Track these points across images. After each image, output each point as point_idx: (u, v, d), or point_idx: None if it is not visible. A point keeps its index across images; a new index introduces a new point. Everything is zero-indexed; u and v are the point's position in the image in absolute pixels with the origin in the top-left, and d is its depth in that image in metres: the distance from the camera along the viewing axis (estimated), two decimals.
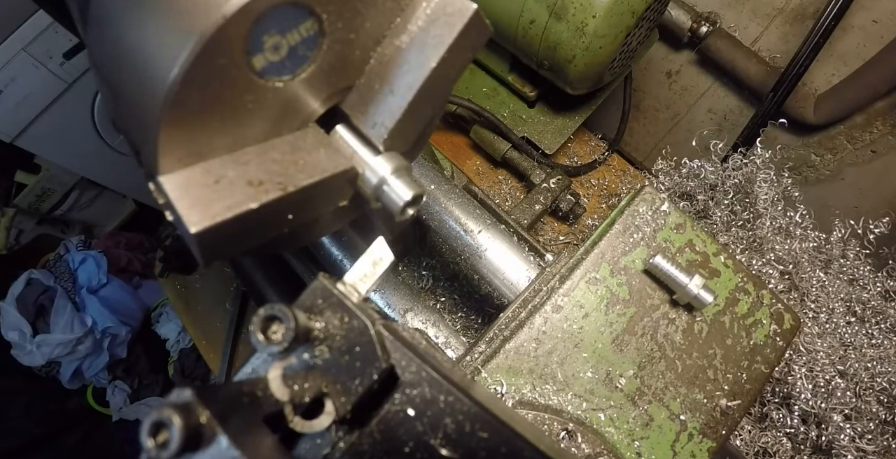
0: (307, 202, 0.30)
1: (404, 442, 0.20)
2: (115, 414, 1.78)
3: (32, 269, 1.70)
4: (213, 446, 0.15)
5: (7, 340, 1.59)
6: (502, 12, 0.82)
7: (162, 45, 0.22)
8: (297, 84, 0.28)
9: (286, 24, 0.25)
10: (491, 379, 0.47)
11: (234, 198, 0.25)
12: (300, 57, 0.27)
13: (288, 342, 0.19)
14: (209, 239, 0.25)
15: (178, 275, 1.19)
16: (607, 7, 0.72)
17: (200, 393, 0.15)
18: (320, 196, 0.30)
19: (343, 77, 0.30)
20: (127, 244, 1.88)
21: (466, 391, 0.21)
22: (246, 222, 0.26)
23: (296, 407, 0.20)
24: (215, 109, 0.25)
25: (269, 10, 0.23)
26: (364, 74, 0.31)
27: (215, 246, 0.26)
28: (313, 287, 0.22)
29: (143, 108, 0.24)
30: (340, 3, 0.26)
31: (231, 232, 0.26)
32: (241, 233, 0.27)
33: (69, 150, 1.52)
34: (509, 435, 0.19)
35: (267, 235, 0.29)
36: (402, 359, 0.21)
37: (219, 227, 0.24)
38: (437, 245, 0.72)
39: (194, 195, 0.25)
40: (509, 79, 1.01)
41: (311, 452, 0.20)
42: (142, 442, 0.14)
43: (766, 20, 1.01)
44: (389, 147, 0.30)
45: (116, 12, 0.25)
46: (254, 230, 0.28)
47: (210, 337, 1.11)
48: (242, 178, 0.27)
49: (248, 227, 0.26)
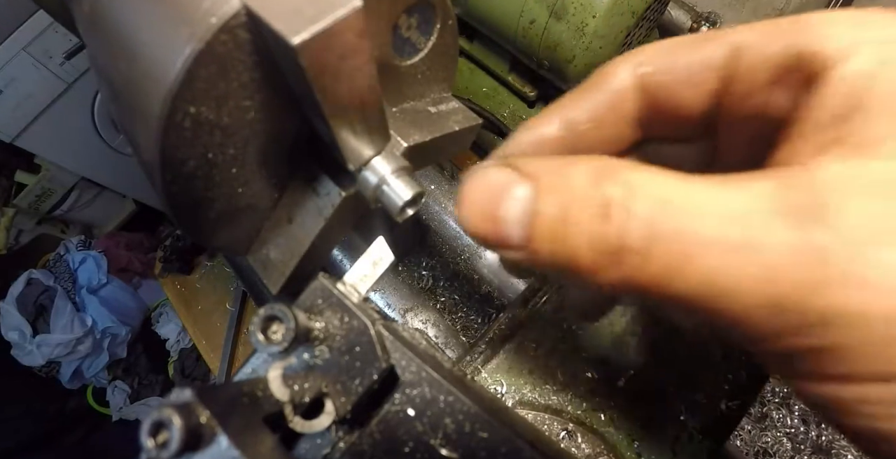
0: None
1: (404, 442, 0.20)
2: (115, 414, 1.78)
3: (32, 269, 1.70)
4: (213, 446, 0.15)
5: (7, 340, 1.59)
6: (502, 12, 0.83)
7: (161, 49, 0.22)
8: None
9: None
10: (491, 379, 0.47)
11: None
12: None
13: (288, 342, 0.19)
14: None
15: (178, 275, 1.19)
16: (607, 7, 0.72)
17: (200, 393, 0.15)
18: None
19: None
20: (127, 244, 1.88)
21: (466, 391, 0.21)
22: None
23: (296, 407, 0.20)
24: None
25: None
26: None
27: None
28: (313, 287, 0.22)
29: (142, 110, 0.24)
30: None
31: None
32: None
33: (69, 150, 1.52)
34: (509, 435, 0.19)
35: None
36: (402, 359, 0.21)
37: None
38: (437, 245, 0.72)
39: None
40: (509, 79, 1.01)
41: (311, 452, 0.20)
42: (142, 442, 0.14)
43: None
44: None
45: (116, 13, 0.25)
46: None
47: (210, 337, 1.11)
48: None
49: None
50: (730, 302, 0.16)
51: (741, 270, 0.15)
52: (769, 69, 0.18)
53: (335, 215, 0.30)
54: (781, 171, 0.16)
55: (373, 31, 0.27)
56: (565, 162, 0.19)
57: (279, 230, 0.32)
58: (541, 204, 0.18)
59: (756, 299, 0.15)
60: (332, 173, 0.30)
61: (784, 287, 0.15)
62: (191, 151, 0.24)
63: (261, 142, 0.27)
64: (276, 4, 0.20)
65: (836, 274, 0.14)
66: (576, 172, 0.18)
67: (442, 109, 0.35)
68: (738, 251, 0.15)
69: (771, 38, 0.18)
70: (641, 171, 0.17)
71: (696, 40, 0.20)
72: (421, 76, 0.33)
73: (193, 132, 0.24)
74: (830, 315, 0.15)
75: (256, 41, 0.22)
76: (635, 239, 0.16)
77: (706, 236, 0.16)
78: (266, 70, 0.24)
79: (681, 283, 0.16)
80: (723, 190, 0.16)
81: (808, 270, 0.15)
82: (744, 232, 0.15)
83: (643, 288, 0.17)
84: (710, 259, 0.16)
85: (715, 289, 0.16)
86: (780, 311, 0.15)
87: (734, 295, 0.16)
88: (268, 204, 0.31)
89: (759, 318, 0.16)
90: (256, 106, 0.25)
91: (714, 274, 0.16)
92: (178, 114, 0.23)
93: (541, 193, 0.18)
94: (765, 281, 0.15)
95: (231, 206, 0.29)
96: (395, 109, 0.33)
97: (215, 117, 0.24)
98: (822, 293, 0.15)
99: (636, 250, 0.16)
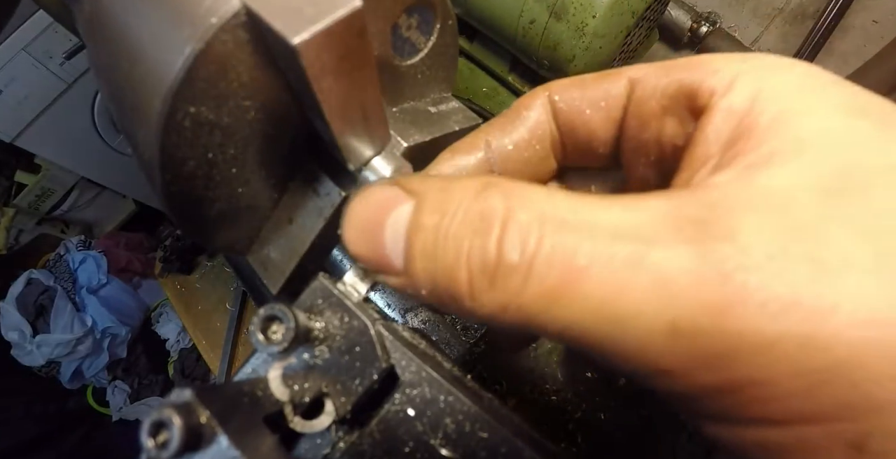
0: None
1: (404, 442, 0.20)
2: (115, 414, 1.78)
3: (32, 269, 1.70)
4: (213, 446, 0.15)
5: (7, 340, 1.60)
6: (502, 12, 0.83)
7: (162, 49, 0.22)
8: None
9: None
10: (491, 379, 0.47)
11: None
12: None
13: (288, 342, 0.19)
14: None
15: (178, 275, 1.19)
16: (607, 7, 0.72)
17: (200, 393, 0.15)
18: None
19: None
20: (127, 244, 1.89)
21: (466, 391, 0.21)
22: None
23: (296, 407, 0.20)
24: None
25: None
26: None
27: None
28: (313, 287, 0.22)
29: (142, 109, 0.24)
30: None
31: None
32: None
33: (69, 150, 1.52)
34: (509, 435, 0.19)
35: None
36: (402, 359, 0.21)
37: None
38: None
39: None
40: (509, 79, 1.01)
41: (311, 452, 0.20)
42: (142, 442, 0.14)
43: (766, 20, 1.01)
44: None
45: (117, 13, 0.25)
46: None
47: (210, 337, 1.11)
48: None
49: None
50: (623, 331, 0.14)
51: (634, 291, 0.14)
52: (659, 100, 0.20)
53: (335, 215, 0.30)
54: (675, 191, 0.16)
55: (373, 31, 0.27)
56: (453, 178, 0.18)
57: (279, 230, 0.32)
58: (421, 217, 0.17)
59: (652, 324, 0.14)
60: (332, 173, 0.30)
61: (684, 309, 0.14)
62: (191, 151, 0.24)
63: (261, 142, 0.27)
64: (276, 4, 0.20)
65: (738, 292, 0.13)
66: (460, 187, 0.17)
67: (442, 109, 0.35)
68: (629, 268, 0.14)
69: (662, 73, 0.20)
70: (530, 186, 0.16)
71: (601, 75, 0.22)
72: (421, 76, 0.33)
73: (193, 132, 0.24)
74: (738, 341, 0.13)
75: (256, 41, 0.22)
76: (514, 254, 0.15)
77: (593, 253, 0.14)
78: (266, 70, 0.24)
79: (564, 310, 0.15)
80: (614, 206, 0.15)
81: (709, 288, 0.13)
82: (636, 247, 0.14)
83: (524, 319, 0.15)
84: (598, 278, 0.14)
85: (604, 315, 0.14)
86: (681, 338, 0.14)
87: (627, 321, 0.14)
88: (268, 204, 0.31)
89: (658, 348, 0.14)
90: (256, 106, 0.25)
91: (602, 296, 0.14)
92: (178, 114, 0.23)
93: (422, 208, 0.17)
94: (661, 302, 0.14)
95: (231, 206, 0.29)
96: (395, 109, 0.33)
97: (215, 117, 0.24)
98: (727, 314, 0.13)
99: (515, 267, 0.15)
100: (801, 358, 0.13)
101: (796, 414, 0.13)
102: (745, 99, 0.16)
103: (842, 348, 0.12)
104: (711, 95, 0.17)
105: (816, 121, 0.15)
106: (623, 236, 0.15)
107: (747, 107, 0.16)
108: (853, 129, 0.15)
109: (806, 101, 0.16)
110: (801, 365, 0.13)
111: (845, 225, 0.13)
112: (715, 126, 0.17)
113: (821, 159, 0.14)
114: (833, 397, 0.13)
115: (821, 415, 0.13)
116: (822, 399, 0.13)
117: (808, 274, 0.13)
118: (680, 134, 0.19)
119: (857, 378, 0.12)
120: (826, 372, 0.13)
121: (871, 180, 0.14)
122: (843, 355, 0.12)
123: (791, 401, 0.13)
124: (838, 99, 0.16)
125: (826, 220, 0.14)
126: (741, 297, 0.13)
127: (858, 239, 0.13)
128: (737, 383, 0.14)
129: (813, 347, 0.13)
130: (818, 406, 0.13)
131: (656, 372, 0.15)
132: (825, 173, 0.14)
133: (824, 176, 0.14)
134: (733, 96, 0.17)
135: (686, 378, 0.14)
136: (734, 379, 0.14)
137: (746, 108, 0.16)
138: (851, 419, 0.13)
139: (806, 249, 0.13)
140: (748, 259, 0.13)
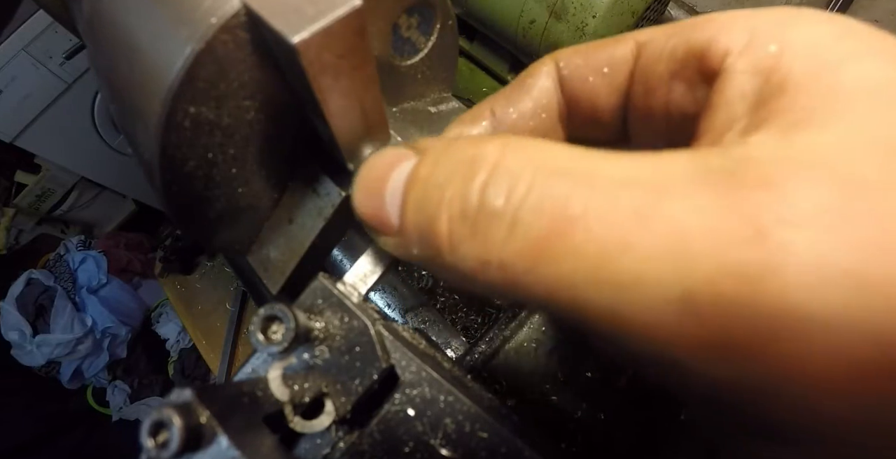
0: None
1: (404, 442, 0.20)
2: (115, 414, 1.78)
3: (32, 269, 1.70)
4: (213, 446, 0.15)
5: (7, 340, 1.60)
6: (502, 12, 0.83)
7: (161, 49, 0.22)
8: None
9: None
10: (491, 379, 0.47)
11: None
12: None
13: (288, 342, 0.19)
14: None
15: (178, 275, 1.19)
16: (607, 7, 0.72)
17: (200, 393, 0.15)
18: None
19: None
20: (127, 244, 1.89)
21: (466, 391, 0.21)
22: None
23: (296, 407, 0.20)
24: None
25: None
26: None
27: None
28: (313, 287, 0.22)
29: (143, 110, 0.24)
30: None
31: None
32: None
33: (69, 150, 1.52)
34: (509, 435, 0.19)
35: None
36: (402, 359, 0.21)
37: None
38: None
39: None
40: (509, 79, 1.01)
41: (311, 452, 0.20)
42: (142, 442, 0.14)
43: None
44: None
45: (117, 13, 0.25)
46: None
47: (210, 337, 1.11)
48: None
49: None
50: (623, 301, 0.11)
51: (639, 248, 0.11)
52: (667, 63, 0.18)
53: (335, 215, 0.30)
54: (701, 149, 0.13)
55: (373, 31, 0.27)
56: (458, 137, 0.18)
57: (279, 230, 0.32)
58: (418, 169, 0.16)
59: (661, 293, 0.11)
60: (332, 173, 0.30)
61: (702, 274, 0.10)
62: (191, 151, 0.24)
63: (261, 142, 0.27)
64: (276, 4, 0.20)
65: (778, 253, 0.10)
66: (465, 140, 0.16)
67: (442, 109, 0.35)
68: (635, 220, 0.11)
69: (670, 35, 0.18)
70: (530, 138, 0.15)
71: (607, 40, 0.20)
72: (421, 76, 0.33)
73: (193, 132, 0.24)
74: (773, 321, 0.10)
75: (256, 41, 0.22)
76: (499, 200, 0.13)
77: (590, 200, 0.12)
78: (266, 70, 0.24)
79: (551, 268, 0.12)
80: (622, 158, 0.13)
81: (737, 248, 0.10)
82: (645, 195, 0.11)
83: (508, 280, 0.13)
84: (594, 231, 0.11)
85: (600, 277, 0.11)
86: (697, 314, 0.10)
87: (630, 287, 0.11)
88: (268, 204, 0.31)
89: (668, 326, 0.11)
90: (256, 106, 0.25)
91: (599, 253, 0.11)
92: (178, 114, 0.23)
93: (422, 161, 0.16)
94: (675, 264, 0.11)
95: (231, 206, 0.29)
96: (395, 109, 0.33)
97: (215, 117, 0.24)
98: (762, 283, 0.10)
99: (498, 214, 0.13)
100: (867, 352, 0.09)
101: (853, 431, 0.10)
102: (768, 55, 0.14)
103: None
104: (726, 55, 0.15)
105: (861, 70, 0.13)
106: (629, 184, 0.12)
107: (772, 64, 0.14)
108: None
109: (842, 51, 0.13)
110: (865, 363, 0.09)
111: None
112: (738, 87, 0.15)
113: (876, 113, 0.12)
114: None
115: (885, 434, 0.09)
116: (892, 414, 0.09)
117: (875, 235, 0.10)
118: (690, 100, 0.17)
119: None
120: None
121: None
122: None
123: (847, 412, 0.10)
124: (879, 45, 0.13)
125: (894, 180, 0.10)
126: (781, 260, 0.10)
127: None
128: (769, 382, 0.10)
129: (886, 341, 0.09)
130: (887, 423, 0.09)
131: (665, 360, 0.11)
132: (884, 128, 0.12)
133: (883, 131, 0.12)
134: (754, 53, 0.14)
135: (702, 368, 0.11)
136: (765, 376, 0.10)
137: (772, 65, 0.14)
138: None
139: (872, 206, 0.10)
140: (792, 211, 0.10)
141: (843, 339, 0.09)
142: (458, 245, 0.14)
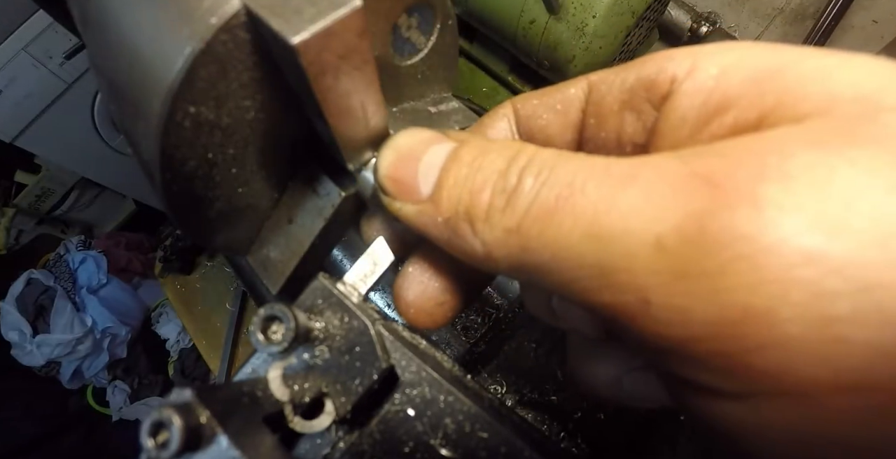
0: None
1: (404, 442, 0.20)
2: (115, 414, 1.78)
3: (32, 269, 1.70)
4: (213, 446, 0.15)
5: (7, 340, 1.60)
6: (502, 12, 0.83)
7: (161, 49, 0.22)
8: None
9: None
10: (491, 379, 0.47)
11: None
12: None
13: (288, 342, 0.19)
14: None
15: (178, 275, 1.19)
16: (607, 7, 0.72)
17: (200, 393, 0.15)
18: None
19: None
20: (127, 244, 1.89)
21: (466, 391, 0.21)
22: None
23: (296, 407, 0.20)
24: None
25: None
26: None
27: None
28: (313, 287, 0.22)
29: (142, 109, 0.24)
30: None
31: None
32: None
33: (69, 150, 1.52)
34: (509, 435, 0.19)
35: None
36: (402, 359, 0.21)
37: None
38: None
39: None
40: (509, 79, 1.01)
41: (311, 452, 0.20)
42: (142, 442, 0.14)
43: (766, 20, 1.01)
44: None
45: (116, 13, 0.25)
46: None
47: (210, 337, 1.11)
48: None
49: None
50: (611, 252, 0.14)
51: (622, 204, 0.14)
52: (617, 94, 0.20)
53: (335, 215, 0.30)
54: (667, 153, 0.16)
55: (373, 31, 0.27)
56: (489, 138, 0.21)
57: (279, 230, 0.32)
58: (461, 152, 0.19)
59: (639, 240, 0.13)
60: (332, 173, 0.30)
61: (669, 220, 0.13)
62: (191, 151, 0.24)
63: (261, 142, 0.27)
64: (276, 4, 0.20)
65: (727, 194, 0.12)
66: (504, 140, 0.20)
67: (442, 109, 0.35)
68: (621, 183, 0.14)
69: (619, 71, 0.20)
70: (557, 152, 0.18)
71: (562, 83, 0.23)
72: (421, 76, 0.33)
73: (193, 132, 0.24)
74: (729, 255, 0.11)
75: (256, 41, 0.22)
76: (530, 178, 0.16)
77: (591, 172, 0.15)
78: (266, 70, 0.24)
79: (556, 229, 0.15)
80: (610, 157, 0.16)
81: (695, 194, 0.13)
82: (632, 164, 0.15)
83: (521, 245, 0.16)
84: (590, 194, 0.15)
85: (593, 232, 0.14)
86: (666, 254, 0.13)
87: (615, 238, 0.14)
88: (268, 204, 0.31)
89: (646, 263, 0.13)
90: (256, 106, 0.25)
91: (593, 211, 0.14)
92: (178, 114, 0.23)
93: (464, 147, 0.19)
94: (649, 213, 0.13)
95: (231, 206, 0.29)
96: (396, 109, 0.33)
97: (215, 117, 0.24)
98: (713, 218, 0.12)
99: (528, 190, 0.16)
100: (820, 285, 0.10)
101: (816, 380, 0.10)
102: (710, 76, 0.17)
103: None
104: (672, 81, 0.18)
105: (807, 70, 0.15)
106: (617, 163, 0.15)
107: (713, 85, 0.17)
108: (840, 78, 0.14)
109: (781, 60, 0.16)
110: (818, 305, 0.10)
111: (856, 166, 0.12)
112: (686, 105, 0.17)
113: (828, 111, 0.14)
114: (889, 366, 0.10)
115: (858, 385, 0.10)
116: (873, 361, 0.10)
117: (822, 176, 0.12)
118: (640, 129, 0.20)
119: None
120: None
121: (881, 117, 0.13)
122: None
123: (806, 359, 0.10)
124: (807, 52, 0.16)
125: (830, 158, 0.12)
126: (727, 202, 0.12)
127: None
128: (728, 323, 0.12)
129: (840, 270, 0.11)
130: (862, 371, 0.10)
131: (642, 308, 0.13)
132: (839, 122, 0.13)
133: (839, 124, 0.13)
134: (698, 74, 0.17)
135: (669, 313, 0.13)
136: (726, 316, 0.12)
137: (713, 86, 0.17)
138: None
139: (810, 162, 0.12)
140: (740, 162, 0.13)
141: (784, 261, 0.11)
142: (493, 214, 0.17)
